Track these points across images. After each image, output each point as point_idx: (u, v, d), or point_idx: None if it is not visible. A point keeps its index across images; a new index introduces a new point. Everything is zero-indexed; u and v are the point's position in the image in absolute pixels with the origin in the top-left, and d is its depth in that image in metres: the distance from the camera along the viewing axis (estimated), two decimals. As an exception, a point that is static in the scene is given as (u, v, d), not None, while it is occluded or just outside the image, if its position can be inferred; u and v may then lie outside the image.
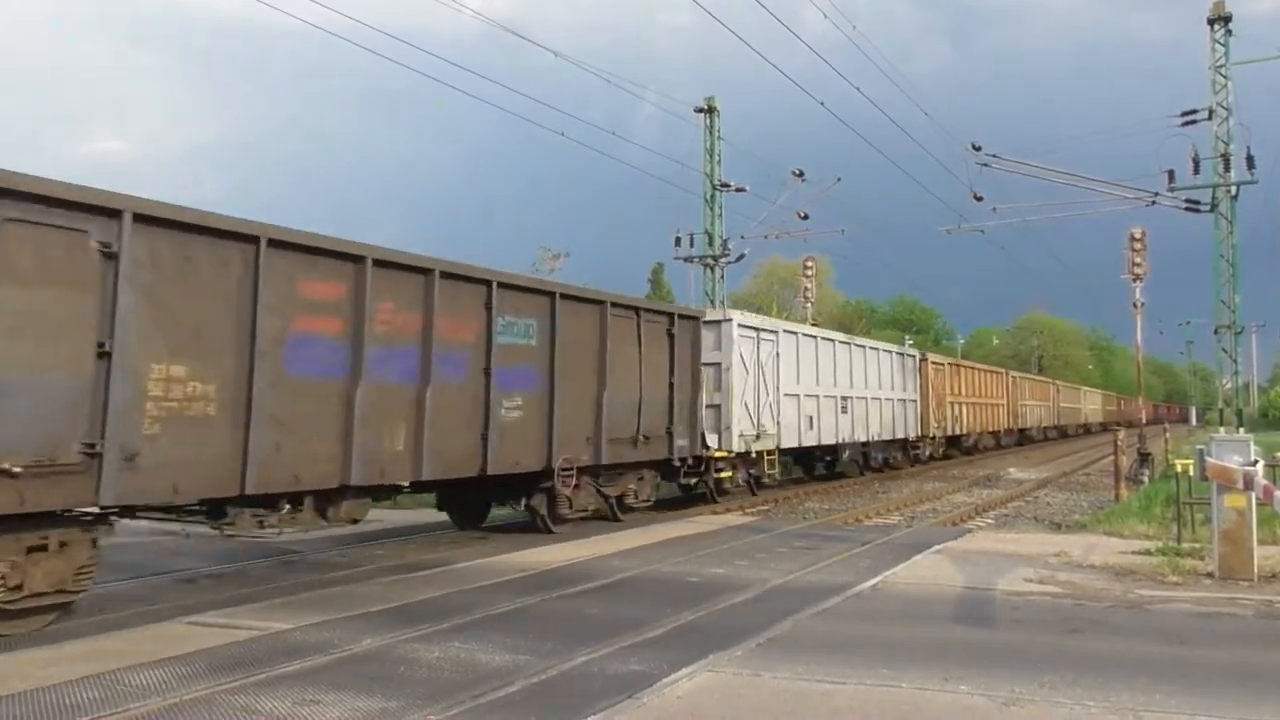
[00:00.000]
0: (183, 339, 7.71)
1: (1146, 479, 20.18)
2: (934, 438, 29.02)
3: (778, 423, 18.60)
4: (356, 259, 9.31)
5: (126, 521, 8.19)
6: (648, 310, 14.78)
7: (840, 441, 22.03)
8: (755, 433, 17.52)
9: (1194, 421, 74.63)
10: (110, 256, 7.16)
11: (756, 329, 18.09)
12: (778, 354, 18.80)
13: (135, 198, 7.41)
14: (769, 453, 18.37)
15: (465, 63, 18.06)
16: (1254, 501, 8.78)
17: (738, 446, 16.87)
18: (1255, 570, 8.88)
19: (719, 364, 16.70)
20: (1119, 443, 18.28)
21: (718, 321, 17.17)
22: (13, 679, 5.81)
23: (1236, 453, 9.05)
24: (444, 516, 13.88)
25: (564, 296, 12.47)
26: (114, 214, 7.19)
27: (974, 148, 27.41)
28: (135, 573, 10.02)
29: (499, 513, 14.06)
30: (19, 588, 6.91)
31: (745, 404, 17.17)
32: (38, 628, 7.17)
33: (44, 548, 7.05)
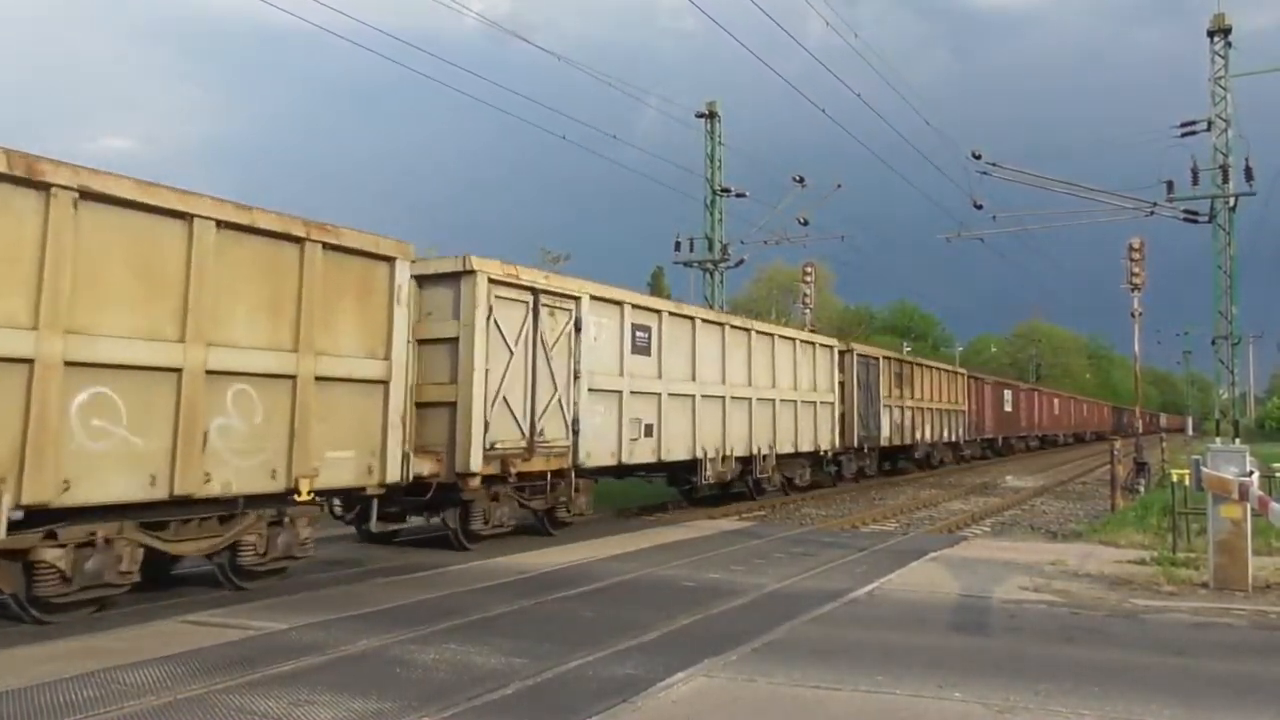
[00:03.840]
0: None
1: (1143, 488, 20.21)
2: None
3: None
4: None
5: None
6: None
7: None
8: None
9: (1191, 431, 74.67)
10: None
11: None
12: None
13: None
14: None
15: (468, 65, 18.10)
16: (1249, 512, 8.79)
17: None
18: (1250, 581, 8.89)
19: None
20: (1115, 452, 18.29)
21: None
22: (7, 676, 5.80)
23: (1233, 463, 9.07)
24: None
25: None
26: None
27: (974, 156, 27.50)
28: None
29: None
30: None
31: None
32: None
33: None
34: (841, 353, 22.89)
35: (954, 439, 32.64)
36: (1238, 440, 22.75)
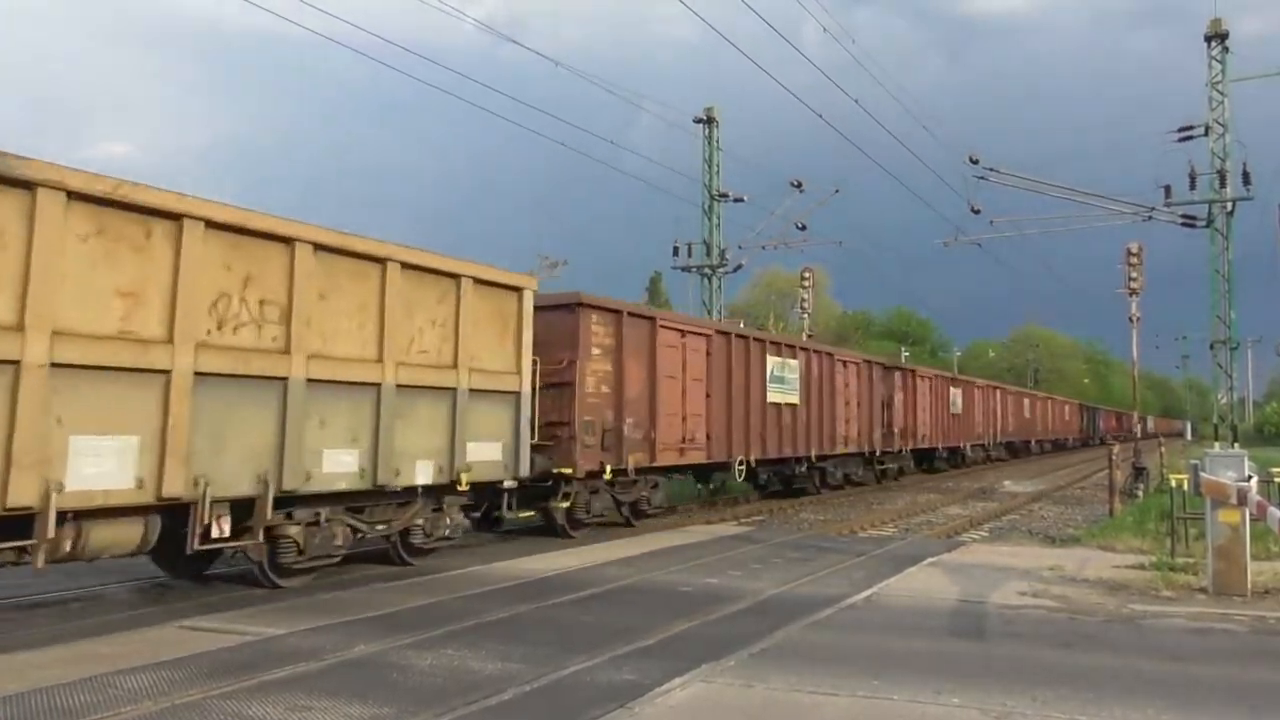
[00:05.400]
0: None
1: (1141, 493, 20.22)
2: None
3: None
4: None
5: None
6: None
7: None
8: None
9: (1189, 436, 74.67)
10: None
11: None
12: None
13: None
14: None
15: (466, 72, 18.11)
16: (1248, 517, 8.79)
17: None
18: (1249, 586, 8.89)
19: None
20: (1113, 457, 18.30)
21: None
22: (6, 681, 5.79)
23: (1231, 468, 9.07)
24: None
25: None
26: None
27: (971, 161, 27.58)
28: (126, 576, 10.00)
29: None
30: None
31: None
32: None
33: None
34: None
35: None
36: (1236, 445, 22.74)
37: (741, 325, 21.69)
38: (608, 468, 13.92)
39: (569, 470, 13.27)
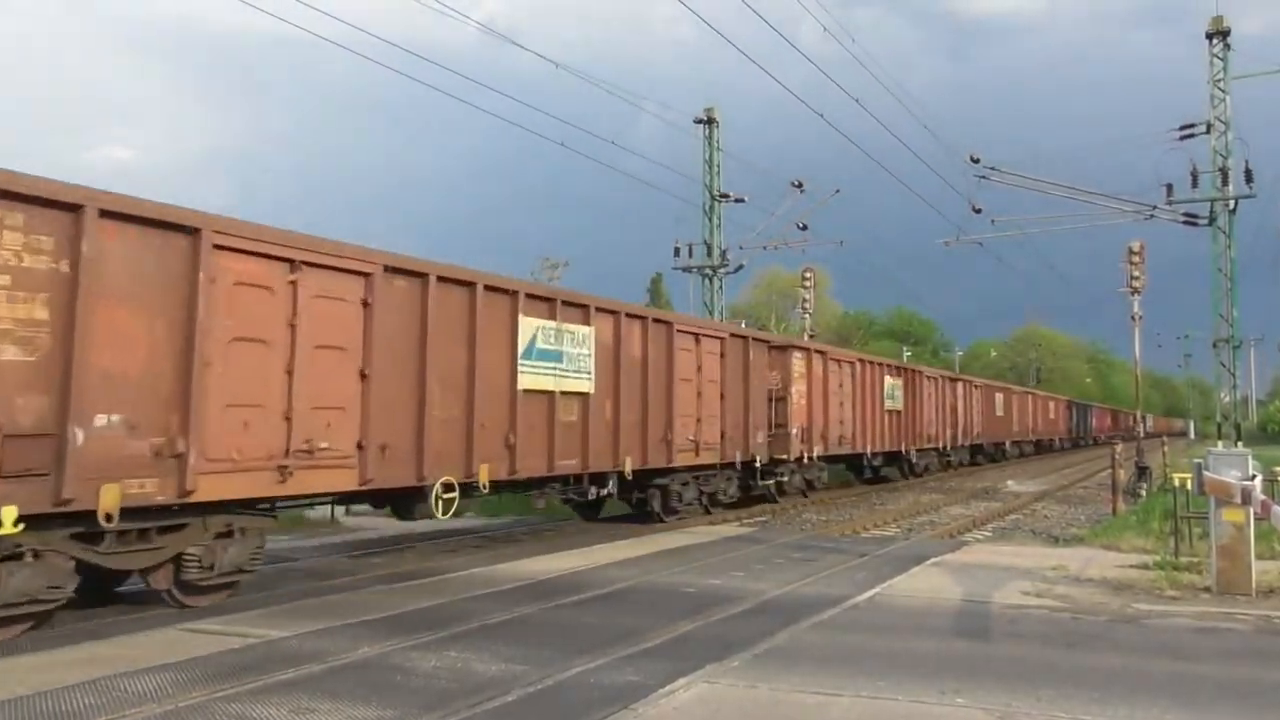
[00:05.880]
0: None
1: (1144, 493, 20.20)
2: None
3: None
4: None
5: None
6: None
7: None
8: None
9: (1192, 435, 74.65)
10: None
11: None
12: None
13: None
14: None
15: (466, 73, 18.12)
16: (1252, 516, 8.78)
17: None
18: (1253, 585, 8.88)
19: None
20: (1116, 456, 18.28)
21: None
22: (11, 684, 5.79)
23: (1234, 467, 9.06)
24: (439, 525, 13.82)
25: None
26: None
27: (973, 160, 27.54)
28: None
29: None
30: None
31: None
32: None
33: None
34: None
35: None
36: (1239, 444, 22.73)
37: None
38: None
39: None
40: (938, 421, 30.51)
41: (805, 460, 20.38)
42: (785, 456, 19.21)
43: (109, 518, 7.32)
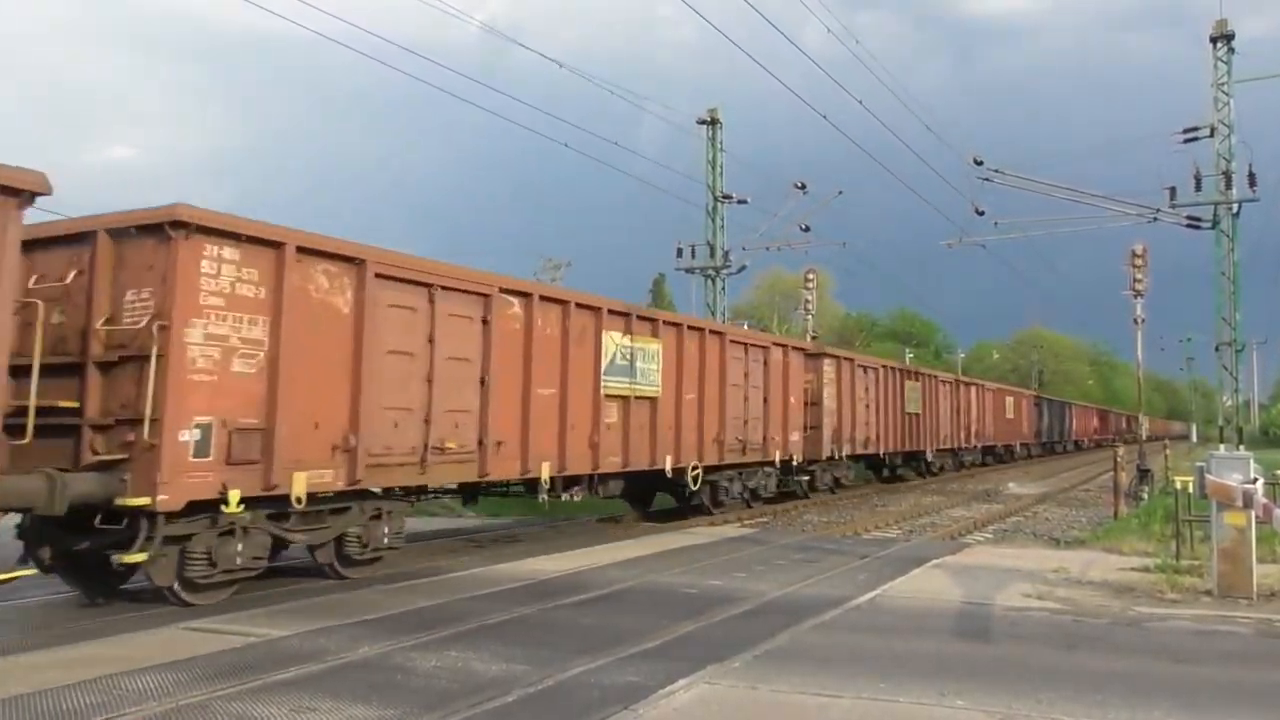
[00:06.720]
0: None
1: (1146, 495, 20.16)
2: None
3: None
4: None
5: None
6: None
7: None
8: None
9: (1194, 438, 74.50)
10: None
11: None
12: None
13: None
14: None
15: (470, 73, 18.13)
16: (1253, 519, 8.76)
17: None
18: (1255, 588, 8.86)
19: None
20: (1118, 459, 18.25)
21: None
22: (11, 682, 5.80)
23: (1236, 470, 9.04)
24: (437, 525, 13.86)
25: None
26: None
27: (976, 162, 27.52)
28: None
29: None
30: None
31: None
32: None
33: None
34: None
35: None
36: (1241, 447, 22.69)
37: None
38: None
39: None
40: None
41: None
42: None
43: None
